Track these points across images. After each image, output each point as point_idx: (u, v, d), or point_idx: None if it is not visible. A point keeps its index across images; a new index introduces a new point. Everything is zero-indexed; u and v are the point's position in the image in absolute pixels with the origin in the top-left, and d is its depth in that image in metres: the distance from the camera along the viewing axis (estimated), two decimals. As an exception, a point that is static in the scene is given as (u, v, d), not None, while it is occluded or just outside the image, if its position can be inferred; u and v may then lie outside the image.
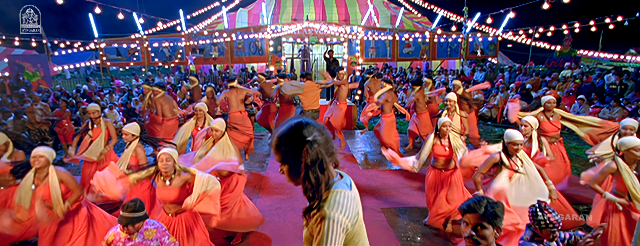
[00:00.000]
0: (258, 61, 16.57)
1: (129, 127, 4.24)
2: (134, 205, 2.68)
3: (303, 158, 1.37)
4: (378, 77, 14.25)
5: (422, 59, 16.90)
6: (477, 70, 14.20)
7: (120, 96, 12.73)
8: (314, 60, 16.88)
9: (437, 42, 16.35)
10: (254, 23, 20.46)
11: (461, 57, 16.63)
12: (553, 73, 12.44)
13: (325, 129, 1.47)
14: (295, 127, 1.41)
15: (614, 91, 9.94)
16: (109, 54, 14.87)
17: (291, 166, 1.43)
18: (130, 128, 4.23)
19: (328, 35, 16.07)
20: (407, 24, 20.61)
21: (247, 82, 15.01)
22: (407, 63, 18.82)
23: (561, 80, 11.17)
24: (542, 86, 11.41)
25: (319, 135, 1.41)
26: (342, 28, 15.67)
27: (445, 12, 17.37)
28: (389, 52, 16.44)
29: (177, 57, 15.43)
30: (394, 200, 5.25)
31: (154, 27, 16.07)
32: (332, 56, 11.60)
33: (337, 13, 22.83)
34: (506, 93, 11.08)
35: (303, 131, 1.39)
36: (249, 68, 17.64)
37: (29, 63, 13.58)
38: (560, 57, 16.70)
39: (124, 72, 19.27)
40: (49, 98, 11.51)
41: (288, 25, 15.67)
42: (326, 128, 1.48)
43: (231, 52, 15.67)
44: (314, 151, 1.37)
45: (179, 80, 15.48)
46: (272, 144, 1.46)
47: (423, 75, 15.28)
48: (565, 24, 13.62)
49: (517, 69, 13.30)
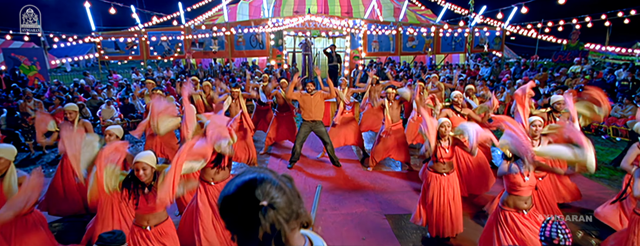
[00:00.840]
0: (259, 55, 16.27)
1: (113, 128, 4.02)
2: (111, 237, 2.31)
3: (256, 228, 1.03)
4: (380, 75, 14.00)
5: (426, 53, 16.57)
6: (482, 65, 13.86)
7: (118, 91, 12.48)
8: (315, 54, 16.57)
9: (442, 36, 16.00)
10: (255, 15, 20.12)
11: (466, 51, 16.28)
12: (561, 68, 12.12)
13: (290, 182, 1.13)
14: (244, 187, 1.05)
15: (625, 87, 9.63)
16: (107, 47, 14.59)
17: (241, 237, 1.08)
18: (114, 129, 4.00)
19: (330, 29, 15.73)
20: (411, 17, 20.23)
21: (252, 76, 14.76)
22: (410, 57, 18.49)
23: (570, 75, 10.85)
24: (549, 81, 11.11)
25: (279, 196, 1.06)
26: (345, 21, 15.32)
27: (450, 5, 16.97)
28: (392, 45, 16.11)
29: (177, 50, 15.14)
30: (400, 205, 5.02)
31: (148, 22, 15.74)
32: (333, 51, 11.27)
33: (339, 5, 22.50)
34: (513, 89, 10.77)
35: (255, 192, 1.03)
36: (249, 62, 17.34)
37: (25, 56, 13.32)
38: (567, 51, 16.37)
39: (124, 66, 18.99)
40: (46, 93, 11.28)
41: (289, 19, 15.33)
42: (292, 181, 1.15)
43: (231, 46, 15.37)
44: (269, 219, 1.02)
45: (177, 74, 15.23)
46: (218, 207, 1.11)
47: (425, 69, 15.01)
48: (575, 17, 13.21)
49: (523, 64, 12.95)
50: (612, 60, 15.53)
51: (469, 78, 12.03)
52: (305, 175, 6.19)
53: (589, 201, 4.80)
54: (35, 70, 13.45)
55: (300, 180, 5.91)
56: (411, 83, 11.76)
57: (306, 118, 6.25)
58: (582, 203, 4.82)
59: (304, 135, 6.34)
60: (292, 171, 6.34)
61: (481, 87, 10.51)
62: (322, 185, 1.87)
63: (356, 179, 5.98)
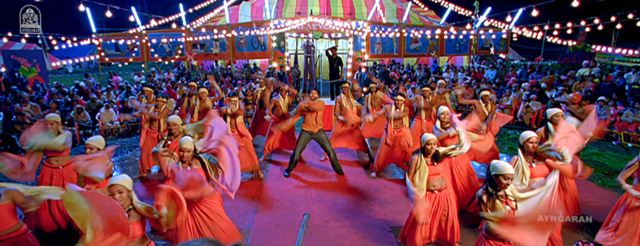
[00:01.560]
0: (260, 57, 16.10)
1: (93, 139, 3.80)
2: None
3: None
4: (384, 77, 13.76)
5: (429, 55, 16.35)
6: (487, 68, 13.61)
7: (118, 93, 12.32)
8: (317, 56, 16.36)
9: (446, 38, 15.77)
10: (257, 16, 19.97)
11: (470, 53, 16.04)
12: (569, 71, 11.86)
13: None
14: None
15: (636, 91, 9.38)
16: (107, 49, 14.45)
17: None
18: (95, 141, 3.78)
19: (333, 31, 15.53)
20: (414, 18, 20.02)
21: (250, 79, 14.62)
22: (413, 59, 18.27)
23: (578, 79, 10.60)
24: (556, 84, 10.86)
25: None
26: (348, 23, 15.12)
27: (454, 7, 16.74)
28: (396, 47, 15.90)
29: (178, 52, 14.99)
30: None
31: (147, 24, 15.59)
32: (335, 53, 11.03)
33: (341, 6, 22.34)
34: (519, 92, 10.54)
35: None
36: (251, 65, 17.16)
37: (25, 58, 13.20)
38: (573, 53, 16.08)
39: (125, 68, 18.86)
40: (45, 95, 11.13)
41: (291, 20, 15.14)
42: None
43: (232, 48, 15.20)
44: None
45: (178, 76, 15.07)
46: None
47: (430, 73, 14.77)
48: (583, 19, 12.93)
49: (529, 67, 12.70)
50: (618, 62, 15.26)
51: (474, 81, 11.80)
52: (306, 184, 5.96)
53: (605, 213, 4.57)
54: (35, 72, 13.32)
55: (301, 192, 5.66)
56: (415, 87, 11.55)
57: (306, 129, 6.06)
58: (598, 216, 4.59)
59: (303, 143, 6.13)
60: (292, 179, 6.13)
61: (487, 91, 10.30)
62: (310, 213, 1.68)
63: (360, 188, 5.78)
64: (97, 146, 3.77)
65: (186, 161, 3.49)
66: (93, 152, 3.73)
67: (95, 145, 3.77)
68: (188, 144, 3.48)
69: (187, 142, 3.48)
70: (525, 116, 9.42)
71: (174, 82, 12.42)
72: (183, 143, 3.47)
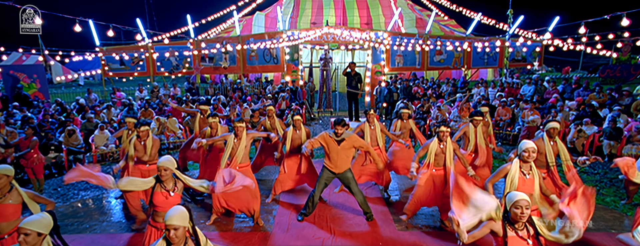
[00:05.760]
0: (273, 70, 15.14)
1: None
2: None
3: None
4: (405, 93, 12.59)
5: (455, 68, 15.11)
6: (525, 83, 12.23)
7: (120, 110, 11.44)
8: (334, 69, 15.34)
9: (473, 49, 14.51)
10: (271, 27, 19.21)
11: (502, 65, 14.69)
12: (622, 87, 10.43)
13: None
14: None
15: None
16: (111, 63, 13.71)
17: None
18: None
19: (350, 42, 14.50)
20: (435, 28, 18.88)
21: (261, 94, 13.65)
22: (436, 72, 17.05)
23: (637, 97, 9.22)
24: (609, 103, 9.49)
25: None
26: (366, 34, 14.05)
27: (481, 16, 15.49)
28: (418, 60, 14.72)
29: (185, 66, 14.16)
30: None
31: (154, 37, 14.82)
32: (353, 70, 9.96)
33: (358, 16, 21.48)
34: (565, 112, 9.21)
35: None
36: (263, 78, 16.25)
37: (24, 73, 12.51)
38: (616, 65, 14.66)
39: (130, 83, 18.15)
40: (40, 114, 10.29)
41: (306, 31, 14.18)
42: None
43: (243, 61, 14.29)
44: None
45: (187, 90, 14.20)
46: None
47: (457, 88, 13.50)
48: (627, 31, 11.48)
49: (574, 82, 11.32)
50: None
51: (510, 99, 10.50)
52: (324, 233, 4.77)
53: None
54: (34, 88, 12.61)
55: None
56: (441, 105, 10.33)
57: (329, 166, 4.84)
58: None
59: (325, 181, 4.92)
60: (306, 227, 4.95)
61: (530, 111, 9.01)
62: None
63: (391, 242, 4.55)
64: None
65: (165, 180, 3.29)
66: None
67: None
68: (168, 163, 3.27)
69: (166, 162, 3.27)
70: (577, 142, 8.07)
71: (179, 98, 11.47)
72: (162, 163, 3.27)
